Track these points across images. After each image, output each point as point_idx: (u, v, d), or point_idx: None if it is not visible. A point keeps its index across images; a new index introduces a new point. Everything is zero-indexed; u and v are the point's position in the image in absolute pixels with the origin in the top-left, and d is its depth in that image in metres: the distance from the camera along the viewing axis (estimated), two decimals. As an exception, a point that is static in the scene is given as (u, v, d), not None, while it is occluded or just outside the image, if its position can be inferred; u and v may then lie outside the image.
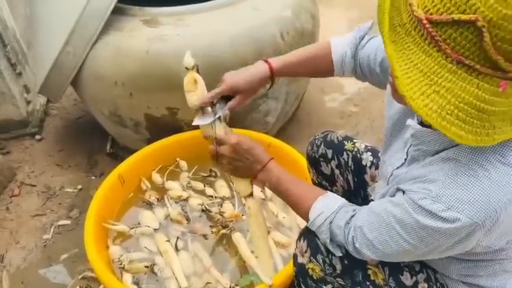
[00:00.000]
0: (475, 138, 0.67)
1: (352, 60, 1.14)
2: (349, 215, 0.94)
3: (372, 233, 0.87)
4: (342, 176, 1.31)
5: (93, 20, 1.66)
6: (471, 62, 0.64)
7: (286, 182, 1.05)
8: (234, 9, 1.73)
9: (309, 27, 1.87)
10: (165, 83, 1.67)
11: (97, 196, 1.55)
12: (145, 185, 1.71)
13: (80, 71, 1.74)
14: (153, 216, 1.59)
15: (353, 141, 1.31)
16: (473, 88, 0.65)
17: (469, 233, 0.75)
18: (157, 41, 1.65)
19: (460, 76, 0.65)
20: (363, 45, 1.13)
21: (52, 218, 1.88)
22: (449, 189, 0.74)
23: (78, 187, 2.02)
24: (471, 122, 0.66)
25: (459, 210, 0.73)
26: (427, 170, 0.81)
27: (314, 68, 1.17)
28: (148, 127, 1.84)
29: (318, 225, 0.97)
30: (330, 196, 1.00)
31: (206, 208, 1.58)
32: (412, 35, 0.68)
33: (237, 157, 1.08)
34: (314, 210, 0.97)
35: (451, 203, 0.74)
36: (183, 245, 1.49)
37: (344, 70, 1.16)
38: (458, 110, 0.65)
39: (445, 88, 0.65)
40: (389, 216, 0.84)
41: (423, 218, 0.77)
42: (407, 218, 0.80)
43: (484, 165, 0.74)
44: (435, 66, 0.65)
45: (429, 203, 0.76)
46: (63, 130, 2.38)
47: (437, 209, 0.75)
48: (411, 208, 0.79)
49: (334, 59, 1.15)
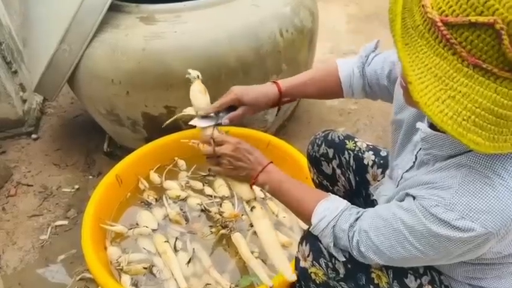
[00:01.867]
0: (493, 144, 0.64)
1: (360, 79, 1.13)
2: (353, 218, 0.92)
3: (379, 238, 0.85)
4: (343, 175, 1.30)
5: (89, 17, 1.64)
6: (489, 66, 0.61)
7: (287, 185, 1.03)
8: (233, 6, 1.70)
9: (308, 24, 1.84)
10: (162, 81, 1.65)
11: (94, 196, 1.52)
12: (143, 185, 1.69)
13: (76, 69, 1.72)
14: (152, 217, 1.57)
15: (354, 140, 1.29)
16: (491, 93, 0.62)
17: (482, 242, 0.73)
18: (154, 38, 1.63)
19: (476, 80, 0.62)
20: (369, 62, 1.12)
21: (49, 218, 1.86)
22: (463, 197, 0.72)
23: (76, 187, 2.00)
24: (488, 128, 0.63)
25: (473, 220, 0.71)
26: (439, 176, 0.78)
27: (322, 88, 1.17)
28: (146, 126, 1.82)
29: (320, 229, 0.95)
30: (332, 199, 0.98)
31: (205, 208, 1.56)
32: (425, 37, 0.65)
33: (239, 156, 1.06)
34: (316, 214, 0.95)
35: (465, 211, 0.71)
36: (182, 246, 1.47)
37: (353, 90, 1.15)
38: (475, 116, 0.62)
39: (461, 93, 0.62)
40: (397, 221, 0.82)
41: (435, 226, 0.75)
42: (418, 225, 0.78)
43: (499, 173, 0.71)
44: (450, 70, 0.63)
45: (442, 211, 0.74)
46: (60, 129, 2.35)
47: (451, 218, 0.73)
48: (422, 215, 0.77)
49: (341, 79, 1.14)
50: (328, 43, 2.88)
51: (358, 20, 3.21)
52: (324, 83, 1.16)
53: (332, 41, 2.91)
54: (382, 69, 1.09)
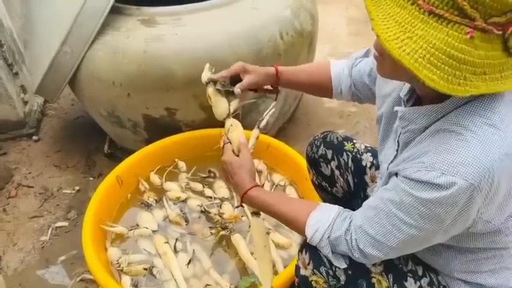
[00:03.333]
0: (447, 85, 0.70)
1: (348, 78, 1.20)
2: (347, 222, 0.93)
3: (374, 228, 0.87)
4: (342, 176, 1.31)
5: (91, 19, 1.65)
6: (441, 11, 0.69)
7: (273, 205, 1.05)
8: (233, 9, 1.71)
9: (308, 27, 1.85)
10: (163, 83, 1.66)
11: (95, 198, 1.53)
12: (144, 186, 1.70)
13: (77, 71, 1.73)
14: (152, 218, 1.58)
15: (353, 142, 1.30)
16: (443, 35, 0.69)
17: (468, 199, 0.75)
18: (155, 41, 1.64)
19: (431, 26, 0.69)
20: (356, 64, 1.20)
21: (49, 220, 1.87)
22: (440, 155, 0.76)
23: (76, 188, 2.01)
24: (442, 68, 0.69)
25: (453, 174, 0.74)
26: (417, 148, 0.82)
27: (314, 80, 1.24)
28: (147, 128, 1.83)
29: (317, 241, 0.96)
30: (323, 208, 0.98)
31: (205, 209, 1.57)
32: None
33: (226, 175, 1.13)
34: (309, 227, 0.96)
35: (444, 168, 0.75)
36: (182, 247, 1.48)
37: (342, 89, 1.22)
38: (430, 55, 0.69)
39: (418, 35, 0.69)
40: (386, 204, 0.84)
41: (420, 191, 0.77)
42: (405, 198, 0.80)
43: (470, 128, 0.76)
44: (409, 17, 0.70)
45: (423, 173, 0.77)
46: (61, 131, 2.36)
47: (432, 177, 0.76)
48: (407, 185, 0.80)
49: (332, 75, 1.22)
50: (328, 45, 2.89)
51: (358, 23, 3.22)
52: (316, 76, 1.24)
53: (332, 44, 2.92)
54: (365, 68, 1.16)
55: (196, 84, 1.66)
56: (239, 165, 1.10)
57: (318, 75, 1.24)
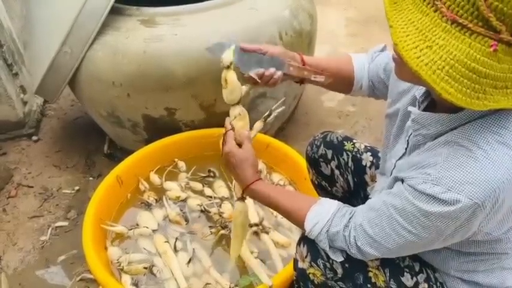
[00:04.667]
0: (465, 99, 0.68)
1: (368, 73, 1.17)
2: (346, 218, 0.94)
3: (373, 229, 0.87)
4: (342, 176, 1.31)
5: (90, 20, 1.65)
6: (464, 21, 0.66)
7: (275, 198, 1.05)
8: (232, 9, 1.72)
9: (307, 27, 1.86)
10: (162, 83, 1.67)
11: (95, 197, 1.54)
12: (144, 186, 1.70)
13: (77, 71, 1.73)
14: (152, 217, 1.58)
15: (353, 142, 1.31)
16: (465, 47, 0.66)
17: (470, 216, 0.75)
18: (154, 41, 1.64)
19: (453, 35, 0.67)
20: (373, 59, 1.17)
21: (49, 220, 1.87)
22: (448, 171, 0.75)
23: (76, 188, 2.01)
24: (461, 80, 0.67)
25: (459, 191, 0.73)
26: (426, 155, 0.81)
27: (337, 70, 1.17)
28: (146, 128, 1.84)
29: (315, 235, 0.96)
30: (323, 203, 0.99)
31: (205, 209, 1.57)
32: None
33: (229, 167, 1.11)
34: (308, 220, 0.97)
35: (450, 184, 0.74)
36: (182, 246, 1.48)
37: (362, 83, 1.18)
38: (449, 67, 0.66)
39: (438, 45, 0.67)
40: (389, 208, 0.84)
41: (424, 203, 0.77)
42: (408, 206, 0.80)
43: (481, 146, 0.74)
44: (431, 25, 0.68)
45: (429, 186, 0.76)
46: (60, 131, 2.36)
47: (437, 192, 0.75)
48: (411, 195, 0.79)
49: (355, 67, 1.17)
50: (327, 46, 2.90)
51: (357, 24, 3.23)
52: (339, 66, 1.18)
53: (331, 44, 2.93)
54: (381, 63, 1.14)
55: (196, 84, 1.68)
56: (243, 157, 1.09)
57: (341, 66, 1.17)
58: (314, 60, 1.16)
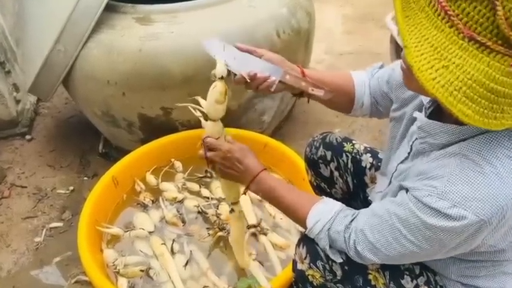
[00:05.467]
0: (482, 119, 0.65)
1: (368, 90, 1.15)
2: (348, 219, 0.92)
3: (374, 236, 0.86)
4: (341, 178, 1.30)
5: (85, 17, 1.62)
6: (483, 39, 0.63)
7: (279, 191, 1.03)
8: (229, 7, 1.69)
9: (305, 25, 1.84)
10: (159, 83, 1.64)
11: (90, 198, 1.51)
12: (140, 187, 1.68)
13: (71, 70, 1.70)
14: (148, 219, 1.56)
15: (352, 143, 1.29)
16: (484, 66, 0.63)
17: (476, 231, 0.74)
18: (150, 39, 1.61)
19: (471, 53, 0.64)
20: (373, 74, 1.15)
21: (44, 220, 1.84)
22: (455, 186, 0.73)
23: (70, 188, 1.98)
24: (479, 101, 0.64)
25: (465, 208, 0.72)
26: (432, 166, 0.79)
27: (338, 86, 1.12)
28: (142, 127, 1.81)
29: (316, 232, 0.95)
30: (326, 201, 0.98)
31: (202, 210, 1.55)
32: (425, 10, 0.67)
33: (229, 165, 1.07)
34: (310, 217, 0.95)
35: (457, 200, 0.72)
36: (179, 248, 1.46)
37: (363, 101, 1.14)
38: (466, 88, 0.64)
39: (454, 64, 0.64)
40: (392, 217, 0.83)
41: (428, 216, 0.75)
42: (411, 218, 0.78)
43: (491, 161, 0.72)
44: (446, 42, 0.65)
45: (434, 200, 0.74)
46: (54, 130, 2.33)
47: (443, 207, 0.73)
48: (415, 207, 0.77)
49: (355, 84, 1.14)
50: (323, 44, 2.88)
51: (353, 21, 3.21)
52: (340, 82, 1.13)
53: (327, 42, 2.91)
54: (383, 77, 1.11)
55: (193, 83, 1.66)
56: (245, 148, 1.07)
57: (341, 82, 1.13)
58: (314, 73, 1.12)
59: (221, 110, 1.09)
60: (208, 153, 1.08)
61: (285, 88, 1.07)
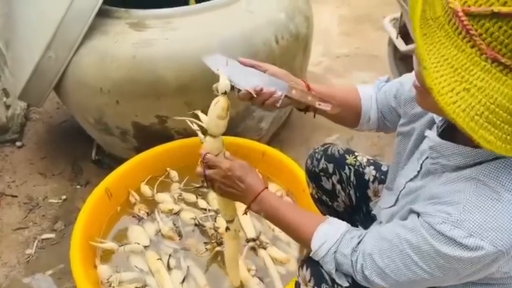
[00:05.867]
0: (505, 146, 0.62)
1: (375, 105, 1.11)
2: (355, 241, 0.89)
3: (384, 261, 0.82)
4: (344, 191, 1.26)
5: (76, 23, 1.57)
6: (507, 61, 0.59)
7: (282, 211, 0.98)
8: (226, 12, 1.64)
9: (303, 30, 1.79)
10: (153, 90, 1.59)
11: (83, 212, 1.46)
12: (134, 198, 1.62)
13: (63, 77, 1.65)
14: (143, 232, 1.51)
15: (355, 155, 1.26)
16: (508, 90, 0.60)
17: (492, 261, 0.71)
18: (144, 45, 1.56)
19: (494, 76, 0.60)
20: (380, 88, 1.11)
21: (35, 231, 1.79)
22: (471, 214, 0.69)
23: (63, 197, 1.93)
24: (502, 127, 0.61)
25: (483, 238, 0.68)
26: (445, 190, 0.75)
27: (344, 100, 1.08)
28: (136, 135, 1.76)
29: (321, 255, 0.91)
30: (332, 222, 0.94)
31: (199, 222, 1.51)
32: (445, 28, 0.63)
33: (229, 183, 1.01)
34: (316, 239, 0.91)
35: (473, 229, 0.69)
36: (175, 263, 1.41)
37: (370, 115, 1.11)
38: (489, 112, 0.60)
39: (476, 87, 0.60)
40: (402, 242, 0.79)
41: (442, 245, 0.72)
42: (424, 245, 0.75)
43: (509, 188, 0.69)
44: (468, 63, 0.61)
45: (449, 228, 0.71)
46: (46, 136, 2.27)
47: (458, 236, 0.70)
48: (428, 234, 0.74)
49: (361, 97, 1.10)
50: (320, 46, 2.83)
51: (350, 22, 3.17)
52: (346, 97, 1.10)
53: (324, 44, 2.87)
54: (390, 91, 1.07)
55: (189, 91, 1.61)
56: (246, 166, 1.02)
57: (347, 95, 1.09)
58: (319, 88, 1.07)
59: (222, 125, 1.04)
60: (207, 171, 1.03)
61: (291, 103, 1.03)
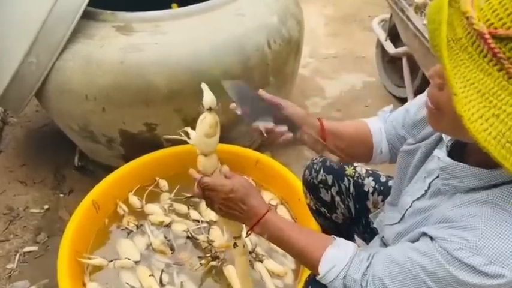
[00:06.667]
0: None
1: (385, 136, 1.08)
2: (364, 265, 0.85)
3: (395, 285, 0.79)
4: (343, 202, 1.23)
5: (59, 26, 1.50)
6: None
7: (287, 233, 0.94)
8: (217, 15, 1.59)
9: (295, 34, 1.75)
10: (142, 97, 1.53)
11: (70, 226, 1.39)
12: (122, 210, 1.55)
13: (45, 83, 1.57)
14: (133, 246, 1.44)
15: (353, 166, 1.23)
16: None
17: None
18: (133, 50, 1.50)
19: None
20: (386, 120, 1.08)
21: (16, 244, 1.71)
22: (491, 240, 0.67)
23: (45, 207, 1.85)
24: None
25: (503, 265, 0.66)
26: (460, 213, 0.72)
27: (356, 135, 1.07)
28: (123, 143, 1.69)
29: (329, 279, 0.87)
30: (340, 244, 0.91)
31: (192, 235, 1.45)
32: (468, 51, 0.60)
33: (231, 205, 0.96)
34: (324, 263, 0.88)
35: (493, 256, 0.66)
36: (168, 279, 1.36)
37: (382, 148, 1.08)
38: None
39: (505, 113, 0.57)
40: (416, 267, 0.76)
41: (461, 271, 0.69)
42: (440, 271, 0.72)
43: None
44: (495, 87, 0.58)
45: (467, 255, 0.68)
46: (25, 141, 2.18)
47: (478, 263, 0.67)
48: (444, 260, 0.71)
49: (372, 132, 1.07)
50: (307, 47, 2.78)
51: (336, 22, 3.15)
52: (357, 132, 1.08)
53: (311, 45, 2.83)
54: (397, 120, 1.04)
55: (179, 97, 1.55)
56: (248, 185, 0.97)
57: (359, 132, 1.08)
58: (332, 125, 1.04)
59: (213, 143, 0.99)
60: (206, 192, 0.98)
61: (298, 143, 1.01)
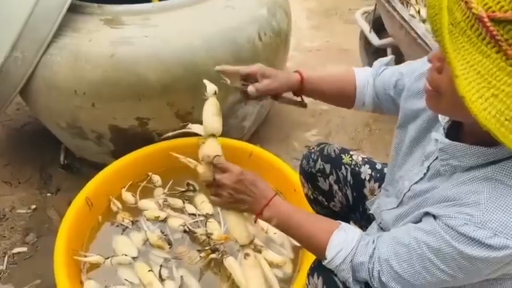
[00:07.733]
0: None
1: (372, 88, 1.11)
2: (370, 248, 0.87)
3: (401, 266, 0.81)
4: (341, 191, 1.24)
5: (45, 19, 1.47)
6: None
7: (296, 218, 0.95)
8: (206, 7, 1.58)
9: (284, 26, 1.76)
10: (133, 92, 1.51)
11: (64, 225, 1.36)
12: (116, 206, 1.53)
13: (31, 79, 1.53)
14: (130, 242, 1.43)
15: (350, 154, 1.25)
16: None
17: None
18: (122, 44, 1.48)
19: None
20: (379, 73, 1.11)
21: (4, 246, 1.66)
22: (494, 214, 0.69)
23: (32, 207, 1.80)
24: None
25: (508, 237, 0.68)
26: (462, 191, 0.75)
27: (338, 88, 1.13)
28: (113, 139, 1.66)
29: (337, 263, 0.89)
30: (346, 229, 0.92)
31: (189, 229, 1.44)
32: (467, 34, 0.62)
33: (242, 188, 0.96)
34: (331, 247, 0.89)
35: (498, 228, 0.69)
36: (168, 274, 1.35)
37: (365, 100, 1.12)
38: None
39: (504, 92, 0.60)
40: (421, 246, 0.78)
41: (466, 246, 0.71)
42: (445, 247, 0.74)
43: None
44: (494, 68, 0.60)
45: (472, 229, 0.70)
46: (7, 140, 2.12)
47: (483, 236, 0.69)
48: (449, 236, 0.73)
49: (357, 83, 1.11)
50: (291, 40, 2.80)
51: (318, 15, 3.17)
52: (340, 84, 1.13)
53: (295, 38, 2.81)
54: (390, 79, 1.07)
55: (172, 91, 1.53)
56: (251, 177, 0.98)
57: (342, 84, 1.13)
58: (316, 78, 1.10)
59: (220, 122, 1.05)
60: (217, 175, 0.97)
61: None
